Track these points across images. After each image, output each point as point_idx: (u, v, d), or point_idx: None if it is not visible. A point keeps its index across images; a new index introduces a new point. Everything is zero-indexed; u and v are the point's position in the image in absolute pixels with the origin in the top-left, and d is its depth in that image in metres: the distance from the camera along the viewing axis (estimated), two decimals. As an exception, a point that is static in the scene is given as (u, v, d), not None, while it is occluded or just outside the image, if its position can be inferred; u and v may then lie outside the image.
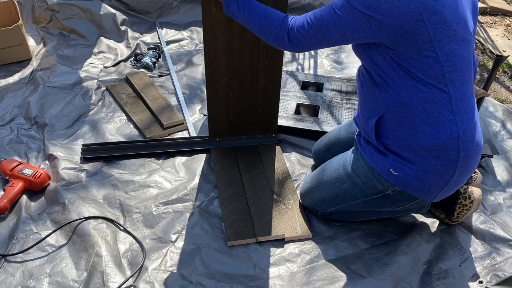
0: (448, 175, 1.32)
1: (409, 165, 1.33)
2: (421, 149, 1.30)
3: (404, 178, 1.34)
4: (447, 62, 1.20)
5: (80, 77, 2.37)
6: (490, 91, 2.48)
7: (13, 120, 2.07)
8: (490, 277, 1.44)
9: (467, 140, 1.29)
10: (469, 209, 1.53)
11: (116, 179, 1.77)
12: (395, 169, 1.35)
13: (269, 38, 1.34)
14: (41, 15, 2.75)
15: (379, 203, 1.46)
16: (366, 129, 1.40)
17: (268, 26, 1.33)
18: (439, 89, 1.23)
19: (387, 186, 1.39)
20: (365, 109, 1.40)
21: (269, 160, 1.86)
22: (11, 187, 1.65)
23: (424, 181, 1.33)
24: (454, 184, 1.36)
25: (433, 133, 1.27)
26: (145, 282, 1.40)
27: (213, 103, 1.84)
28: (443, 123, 1.26)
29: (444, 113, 1.26)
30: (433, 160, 1.30)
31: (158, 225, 1.59)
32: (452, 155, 1.29)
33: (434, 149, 1.29)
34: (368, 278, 1.43)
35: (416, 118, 1.27)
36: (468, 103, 1.29)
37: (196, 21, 2.94)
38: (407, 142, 1.31)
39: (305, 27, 1.26)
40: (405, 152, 1.32)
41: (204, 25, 1.62)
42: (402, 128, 1.30)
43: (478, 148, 1.33)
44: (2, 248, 1.49)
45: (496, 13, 3.35)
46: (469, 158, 1.31)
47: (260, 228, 1.56)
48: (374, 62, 1.28)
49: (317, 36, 1.25)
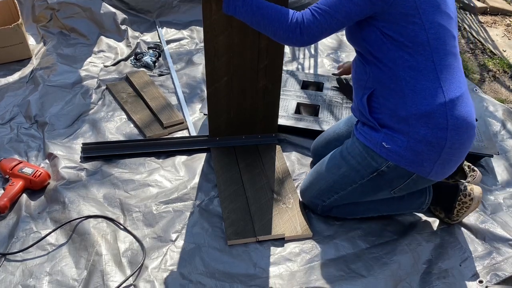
0: (439, 145, 1.34)
1: (400, 137, 1.36)
2: (410, 118, 1.34)
3: (396, 151, 1.37)
4: (431, 30, 1.30)
5: (80, 76, 2.37)
6: (491, 91, 2.48)
7: (13, 119, 2.07)
8: (490, 276, 1.44)
9: (455, 109, 1.33)
10: (468, 207, 1.53)
11: (116, 178, 1.77)
12: (387, 142, 1.38)
13: (278, 32, 1.34)
14: (41, 14, 2.75)
15: (376, 185, 1.47)
16: (361, 108, 1.45)
17: (278, 20, 1.33)
18: (424, 56, 1.31)
19: (381, 162, 1.41)
20: (358, 90, 1.47)
21: (269, 159, 1.86)
22: (11, 186, 1.65)
23: (416, 152, 1.35)
24: (447, 158, 1.37)
25: (420, 100, 1.32)
26: (145, 281, 1.40)
27: (213, 102, 1.84)
28: (429, 90, 1.32)
29: (431, 80, 1.32)
30: (423, 128, 1.33)
31: (158, 224, 1.59)
32: (441, 122, 1.32)
33: (422, 117, 1.33)
34: (368, 278, 1.43)
35: (404, 87, 1.33)
36: (454, 74, 1.35)
37: (196, 20, 2.94)
38: (397, 112, 1.36)
39: (316, 16, 1.30)
40: (396, 123, 1.37)
41: (205, 24, 1.62)
42: (392, 99, 1.37)
43: (468, 120, 1.36)
44: (2, 247, 1.49)
45: (496, 13, 3.35)
46: (459, 128, 1.34)
47: (260, 227, 1.56)
48: (366, 41, 1.36)
49: (327, 22, 1.30)
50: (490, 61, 2.76)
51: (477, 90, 2.40)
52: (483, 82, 2.57)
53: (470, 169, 1.72)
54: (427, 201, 1.54)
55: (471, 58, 2.81)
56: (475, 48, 2.92)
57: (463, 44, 2.97)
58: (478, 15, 3.33)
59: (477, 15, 3.32)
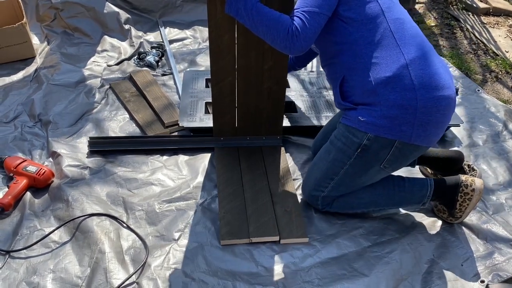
0: (411, 106, 1.38)
1: (373, 108, 1.42)
2: (377, 87, 1.40)
3: (372, 121, 1.42)
4: (384, 2, 1.44)
5: (84, 75, 2.38)
6: (494, 92, 2.49)
7: (17, 117, 2.09)
8: (492, 276, 1.44)
9: (418, 69, 1.39)
10: (471, 199, 1.52)
11: (120, 176, 1.78)
12: (362, 116, 1.44)
13: (276, 41, 1.39)
14: (45, 13, 2.76)
15: (364, 162, 1.49)
16: (336, 97, 1.55)
17: (276, 29, 1.37)
18: (382, 28, 1.42)
19: (361, 137, 1.45)
20: (332, 82, 1.57)
21: (271, 161, 1.86)
22: (15, 184, 1.66)
23: (391, 118, 1.39)
24: (424, 118, 1.39)
25: (383, 69, 1.40)
26: (148, 279, 1.41)
27: (218, 101, 1.84)
28: (390, 57, 1.40)
29: (390, 48, 1.41)
30: (391, 94, 1.39)
31: (161, 222, 1.60)
32: (407, 83, 1.38)
33: (388, 83, 1.39)
34: (370, 276, 1.43)
35: (367, 62, 1.42)
36: (413, 39, 1.43)
37: (199, 20, 2.95)
38: (365, 87, 1.43)
39: (304, 21, 1.36)
40: (366, 98, 1.44)
41: (210, 23, 1.62)
42: (358, 78, 1.45)
43: (435, 77, 1.40)
44: (6, 244, 1.50)
45: (499, 13, 3.35)
46: (426, 86, 1.38)
47: (254, 229, 1.55)
48: (329, 32, 1.48)
49: (316, 21, 1.38)
50: (493, 62, 2.76)
51: (479, 90, 2.40)
52: (486, 82, 2.58)
53: (470, 169, 1.72)
54: (428, 194, 1.54)
55: (473, 58, 2.81)
56: (478, 48, 2.92)
57: (465, 44, 2.97)
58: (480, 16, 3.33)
59: (480, 16, 3.32)
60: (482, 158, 1.94)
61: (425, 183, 1.56)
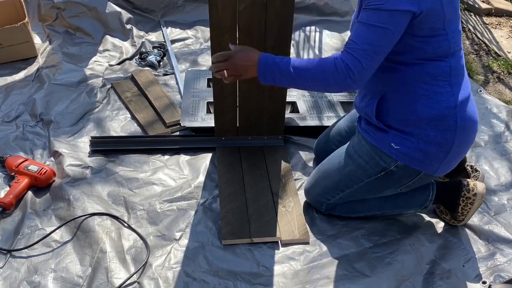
0: (448, 145, 1.37)
1: (409, 138, 1.38)
2: (420, 122, 1.36)
3: (405, 152, 1.38)
4: (453, 39, 1.30)
5: (85, 75, 2.38)
6: (496, 92, 2.48)
7: (19, 117, 2.09)
8: (494, 277, 1.44)
9: (463, 110, 1.36)
10: (472, 203, 1.52)
11: (121, 176, 1.78)
12: (396, 143, 1.39)
13: (329, 89, 1.30)
14: (47, 13, 2.77)
15: (383, 183, 1.48)
16: (367, 110, 1.45)
17: (324, 79, 1.27)
18: (444, 63, 1.32)
19: (389, 162, 1.41)
20: (369, 93, 1.45)
21: (273, 161, 1.86)
22: (16, 183, 1.66)
23: (426, 153, 1.37)
24: (454, 156, 1.40)
25: (432, 105, 1.34)
26: (149, 278, 1.40)
27: (219, 101, 1.84)
28: (441, 95, 1.34)
29: (443, 86, 1.33)
30: (432, 130, 1.35)
31: (162, 222, 1.60)
32: (450, 124, 1.35)
33: (433, 120, 1.35)
34: (371, 277, 1.43)
35: (417, 92, 1.35)
36: (463, 76, 1.38)
37: (201, 20, 2.95)
38: (407, 116, 1.37)
39: (360, 60, 1.23)
40: (405, 126, 1.38)
41: (211, 22, 1.62)
42: (402, 104, 1.37)
43: (474, 118, 1.40)
44: (8, 243, 1.50)
45: (501, 14, 3.35)
46: (466, 128, 1.37)
47: (256, 229, 1.55)
48: None
49: (375, 60, 1.24)
50: (495, 63, 2.75)
51: (481, 91, 2.40)
52: (488, 83, 2.57)
53: (473, 170, 1.72)
54: (430, 198, 1.54)
55: (475, 59, 2.80)
56: (480, 49, 2.91)
57: (467, 45, 2.96)
58: (482, 16, 3.32)
59: (482, 17, 3.31)
60: (484, 159, 1.93)
61: (427, 187, 1.56)
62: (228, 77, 1.38)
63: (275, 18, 1.64)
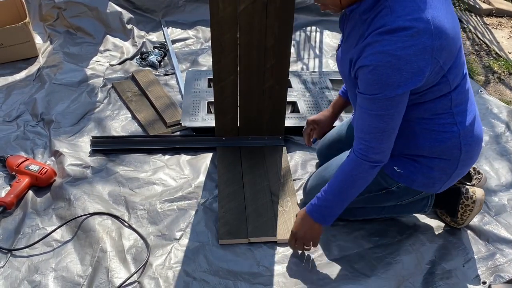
0: (451, 169, 1.35)
1: (413, 163, 1.35)
2: (423, 153, 1.33)
3: (408, 175, 1.36)
4: (454, 82, 1.22)
5: (86, 74, 2.38)
6: (496, 93, 2.48)
7: (20, 116, 2.09)
8: (494, 278, 1.44)
9: (468, 136, 1.30)
10: (472, 209, 1.53)
11: (121, 176, 1.78)
12: (398, 167, 1.37)
13: (367, 180, 1.29)
14: (48, 13, 2.77)
15: (383, 199, 1.47)
16: None
17: (356, 178, 1.26)
18: (444, 98, 1.23)
19: (391, 183, 1.40)
20: None
21: (273, 161, 1.86)
22: (17, 182, 1.67)
23: (428, 177, 1.36)
24: (457, 176, 1.39)
25: (434, 137, 1.29)
26: (150, 278, 1.41)
27: (220, 101, 1.84)
28: (443, 127, 1.27)
29: (445, 118, 1.27)
30: (436, 159, 1.32)
31: (162, 222, 1.60)
32: (455, 153, 1.31)
33: (435, 151, 1.31)
34: (372, 277, 1.43)
35: (417, 128, 1.29)
36: (467, 101, 1.29)
37: (202, 20, 2.95)
38: (408, 150, 1.34)
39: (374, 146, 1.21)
40: (408, 151, 1.35)
41: (212, 21, 1.62)
42: (402, 138, 1.30)
43: (479, 139, 1.35)
44: (8, 242, 1.51)
45: (502, 14, 3.35)
46: (470, 151, 1.33)
47: (253, 229, 1.55)
48: None
49: (390, 137, 1.21)
50: (495, 63, 2.75)
51: (482, 91, 2.39)
52: (488, 83, 2.57)
53: (475, 172, 1.72)
54: (429, 204, 1.55)
55: (476, 59, 2.80)
56: (480, 50, 2.91)
57: (468, 46, 2.96)
58: (483, 16, 3.32)
59: (483, 17, 3.31)
60: (484, 159, 1.93)
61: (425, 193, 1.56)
62: (310, 247, 1.42)
63: (276, 18, 1.64)
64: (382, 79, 1.09)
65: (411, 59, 1.06)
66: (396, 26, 1.05)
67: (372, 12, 1.12)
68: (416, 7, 1.07)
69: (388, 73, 1.08)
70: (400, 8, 1.07)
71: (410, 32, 1.05)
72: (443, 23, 1.09)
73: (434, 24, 1.07)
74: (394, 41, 1.05)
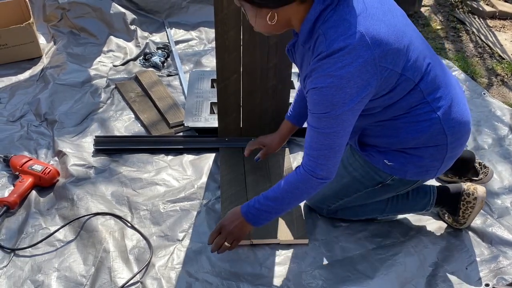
0: (441, 154, 1.34)
1: (402, 155, 1.36)
2: (409, 145, 1.33)
3: (400, 167, 1.37)
4: (415, 72, 1.21)
5: (90, 75, 2.39)
6: (499, 95, 2.48)
7: (23, 116, 2.10)
8: (497, 280, 1.44)
9: (449, 119, 1.29)
10: (473, 207, 1.52)
11: (124, 176, 1.78)
12: (389, 160, 1.37)
13: (310, 193, 1.28)
14: (52, 13, 2.78)
15: (382, 192, 1.48)
16: (349, 141, 1.45)
17: (299, 190, 1.26)
18: (413, 92, 1.23)
19: (385, 177, 1.41)
20: None
21: (275, 162, 1.86)
22: (21, 182, 1.67)
23: (420, 166, 1.36)
24: (449, 159, 1.38)
25: (415, 128, 1.29)
26: (152, 278, 1.41)
27: (223, 100, 1.84)
28: (422, 116, 1.28)
29: (422, 109, 1.27)
30: (423, 148, 1.33)
31: (165, 222, 1.60)
32: (440, 138, 1.31)
33: (421, 141, 1.31)
34: (374, 279, 1.43)
35: (397, 124, 1.30)
36: (439, 86, 1.27)
37: (205, 21, 2.95)
38: (392, 145, 1.35)
39: (321, 162, 1.20)
40: (394, 146, 1.36)
41: (216, 19, 1.62)
42: (384, 135, 1.34)
43: (463, 121, 1.33)
44: (12, 242, 1.51)
45: (505, 17, 3.34)
46: (456, 133, 1.32)
47: (255, 231, 1.54)
48: None
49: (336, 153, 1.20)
50: (499, 66, 2.75)
51: (485, 94, 2.39)
52: (491, 86, 2.57)
53: (482, 166, 1.73)
54: (431, 202, 1.55)
55: (479, 62, 2.80)
56: (484, 52, 2.91)
57: (471, 48, 2.96)
58: (486, 19, 3.32)
59: (486, 19, 3.31)
60: (487, 162, 1.93)
61: (428, 191, 1.56)
62: (232, 245, 1.38)
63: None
64: (327, 99, 1.12)
65: (353, 76, 1.08)
66: (332, 50, 1.08)
67: (311, 41, 1.16)
68: (347, 26, 1.08)
69: (332, 93, 1.10)
70: (333, 31, 1.09)
71: (346, 50, 1.07)
72: (379, 31, 1.10)
73: (369, 35, 1.08)
74: (333, 62, 1.08)
